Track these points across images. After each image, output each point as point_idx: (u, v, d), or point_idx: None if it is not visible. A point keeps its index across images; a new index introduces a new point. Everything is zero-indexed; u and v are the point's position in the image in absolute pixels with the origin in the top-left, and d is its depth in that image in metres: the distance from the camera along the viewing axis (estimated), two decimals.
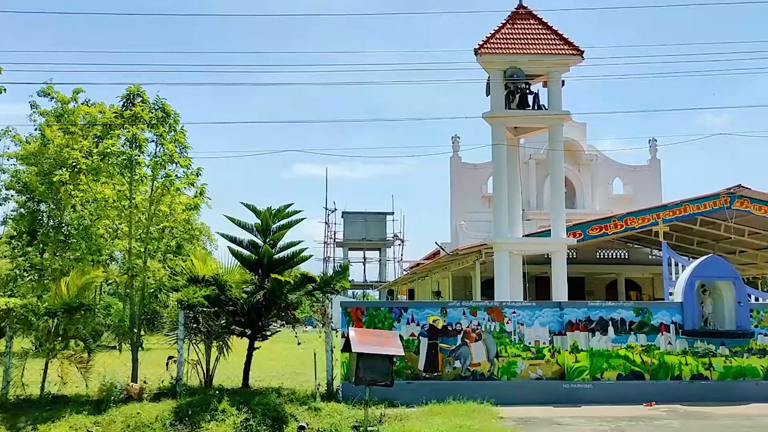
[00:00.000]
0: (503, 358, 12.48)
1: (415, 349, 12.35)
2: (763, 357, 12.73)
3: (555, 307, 12.92)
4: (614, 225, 19.38)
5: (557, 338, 12.61)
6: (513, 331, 12.58)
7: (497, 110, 17.12)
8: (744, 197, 19.00)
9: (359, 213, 51.93)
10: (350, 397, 11.16)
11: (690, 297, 12.84)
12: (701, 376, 12.57)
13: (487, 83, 17.42)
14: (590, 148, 34.40)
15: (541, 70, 17.22)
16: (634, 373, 12.54)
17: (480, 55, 16.72)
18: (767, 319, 12.89)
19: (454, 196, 34.31)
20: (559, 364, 12.53)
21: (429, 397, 11.53)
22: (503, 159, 17.41)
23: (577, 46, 16.77)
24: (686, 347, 12.67)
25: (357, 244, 52.67)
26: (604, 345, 12.60)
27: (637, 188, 33.95)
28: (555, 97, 17.25)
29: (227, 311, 12.02)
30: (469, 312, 12.60)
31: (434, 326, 12.44)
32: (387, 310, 12.62)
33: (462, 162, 34.45)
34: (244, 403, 10.49)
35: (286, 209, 12.67)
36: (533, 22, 17.30)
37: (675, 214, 19.37)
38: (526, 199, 32.27)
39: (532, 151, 31.28)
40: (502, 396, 11.76)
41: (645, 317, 12.75)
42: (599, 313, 12.73)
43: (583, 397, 12.11)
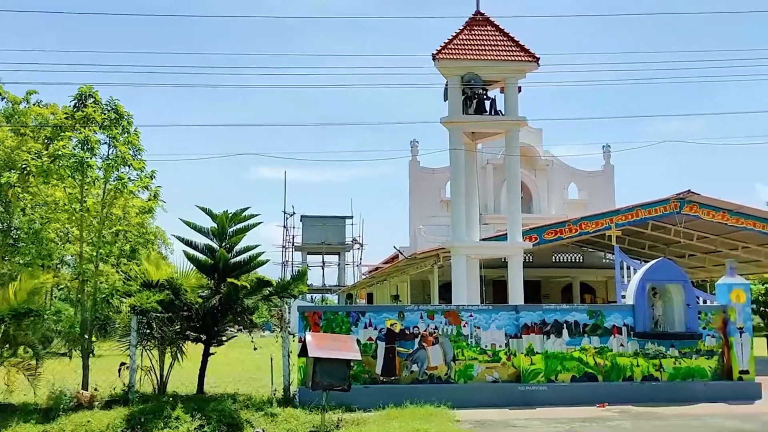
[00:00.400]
0: (460, 362, 12.57)
1: (373, 353, 12.35)
2: (710, 358, 13.10)
3: (511, 311, 13.07)
4: (569, 229, 19.72)
5: (513, 341, 12.75)
6: (470, 334, 12.68)
7: (455, 115, 17.27)
8: (693, 202, 19.52)
9: (318, 217, 51.77)
10: (307, 402, 11.08)
11: (641, 300, 13.14)
12: (652, 377, 12.86)
13: (445, 88, 17.56)
14: (546, 153, 34.94)
15: (498, 76, 17.45)
16: (587, 375, 12.76)
17: (438, 60, 16.86)
18: (714, 321, 13.27)
19: (413, 201, 34.45)
20: (515, 367, 12.68)
21: (386, 401, 11.51)
22: (461, 164, 17.56)
23: (533, 53, 17.04)
24: (638, 349, 12.95)
25: (316, 248, 52.49)
26: (558, 347, 12.79)
27: (591, 193, 34.61)
28: (511, 103, 17.48)
29: (182, 316, 11.82)
30: (427, 316, 12.65)
31: (392, 330, 12.46)
32: (344, 315, 12.59)
33: (420, 166, 34.63)
34: (198, 410, 10.33)
35: (243, 213, 12.54)
36: (490, 28, 17.52)
37: (627, 219, 19.79)
38: (484, 204, 32.61)
39: (489, 156, 31.59)
40: (459, 399, 11.83)
41: (598, 320, 12.99)
42: (554, 316, 12.92)
43: (538, 399, 12.27)
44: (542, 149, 34.86)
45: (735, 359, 13.06)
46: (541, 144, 35.00)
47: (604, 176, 35.96)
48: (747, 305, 13.42)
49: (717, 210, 19.71)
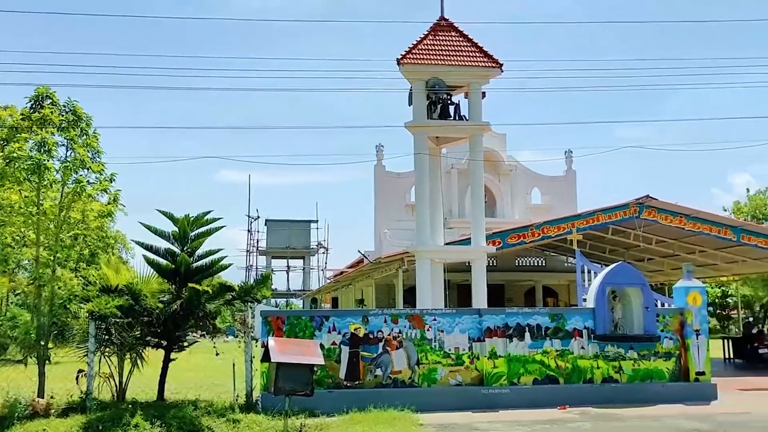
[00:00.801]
0: (424, 365, 12.61)
1: (337, 357, 12.31)
2: (668, 360, 13.37)
3: (474, 314, 13.16)
4: (532, 233, 19.93)
5: (476, 344, 12.84)
6: (433, 338, 12.73)
7: (419, 120, 17.35)
8: (652, 207, 19.91)
9: (283, 221, 51.47)
10: (270, 407, 11.00)
11: (601, 303, 13.36)
12: (612, 379, 13.08)
13: (409, 93, 17.63)
14: (510, 158, 35.31)
15: (462, 81, 17.58)
16: (549, 378, 12.92)
17: (402, 65, 16.92)
18: (672, 323, 13.56)
19: (378, 205, 34.48)
20: (478, 370, 12.77)
21: (350, 405, 11.50)
22: (425, 168, 17.64)
23: (497, 59, 17.21)
24: (598, 351, 13.15)
25: (280, 252, 52.15)
26: (521, 350, 12.92)
27: (554, 198, 35.07)
28: (475, 108, 17.63)
29: (142, 322, 11.62)
30: (391, 320, 12.67)
31: (356, 334, 12.44)
32: (308, 319, 12.53)
33: (386, 171, 34.69)
34: (158, 417, 10.15)
35: (205, 216, 12.39)
36: (454, 34, 17.65)
37: (588, 223, 20.08)
38: (448, 208, 32.79)
39: (454, 160, 31.83)
40: (422, 403, 11.87)
41: (560, 323, 13.16)
42: (516, 320, 13.05)
43: (501, 402, 12.36)
44: (506, 154, 35.22)
45: (692, 361, 13.36)
46: (505, 149, 35.36)
47: (567, 181, 36.47)
48: (703, 308, 13.74)
49: (674, 215, 20.14)
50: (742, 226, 21.37)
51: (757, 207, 37.94)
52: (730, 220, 23.98)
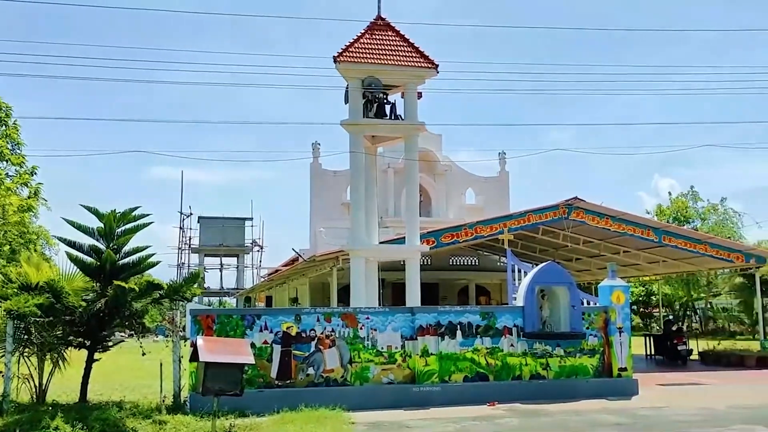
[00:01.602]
0: (356, 364, 12.62)
1: (268, 356, 12.19)
2: (592, 356, 13.81)
3: (407, 313, 13.25)
4: (465, 233, 20.21)
5: (409, 343, 12.94)
6: (366, 336, 12.76)
7: (355, 118, 17.34)
8: (580, 208, 20.51)
9: (216, 218, 50.60)
10: (198, 408, 10.78)
11: (530, 301, 13.68)
12: (539, 376, 13.41)
13: (345, 91, 17.59)
14: (445, 158, 35.74)
15: (398, 81, 17.66)
16: (479, 375, 13.14)
17: (339, 63, 16.86)
18: (597, 321, 14.01)
19: (314, 203, 34.33)
20: (410, 368, 12.87)
21: (281, 405, 11.40)
22: (361, 167, 17.64)
23: (433, 59, 17.36)
24: (526, 349, 13.46)
25: (213, 250, 51.26)
26: (452, 348, 13.10)
27: (487, 198, 35.69)
28: (411, 108, 17.74)
29: (64, 321, 11.18)
30: (324, 318, 12.62)
31: (288, 333, 12.34)
32: (239, 318, 12.35)
33: (322, 169, 34.56)
34: (80, 419, 9.78)
35: (133, 212, 12.02)
36: (391, 34, 17.71)
37: (520, 224, 20.52)
38: (384, 207, 32.92)
39: (390, 160, 31.98)
40: (355, 401, 11.88)
41: (490, 321, 13.40)
42: (448, 318, 13.21)
43: (432, 400, 12.49)
44: (441, 155, 35.63)
45: (615, 357, 13.84)
46: (440, 149, 35.77)
47: (500, 182, 37.20)
48: (626, 306, 14.25)
49: (601, 216, 20.81)
50: (663, 228, 22.28)
51: (679, 210, 39.64)
52: (653, 221, 24.97)
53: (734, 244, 23.99)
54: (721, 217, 38.96)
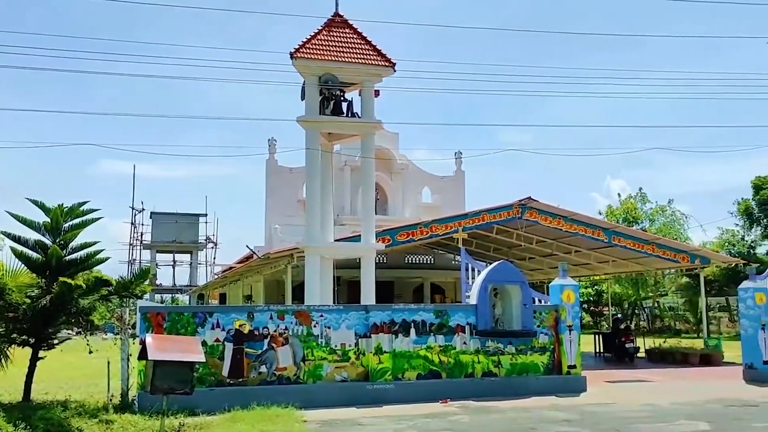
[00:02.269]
0: (310, 362, 12.58)
1: (220, 354, 12.05)
2: (543, 354, 14.05)
3: (361, 311, 13.26)
4: (420, 231, 20.31)
5: (363, 341, 12.96)
6: (320, 334, 12.73)
7: (311, 115, 17.24)
8: (533, 208, 20.82)
9: (169, 214, 49.69)
10: (147, 407, 10.59)
11: (483, 300, 13.83)
12: (491, 373, 13.58)
13: (302, 87, 17.47)
14: (402, 157, 35.85)
15: (355, 78, 17.62)
16: (432, 373, 13.23)
17: (296, 59, 16.73)
18: (547, 319, 14.26)
19: (269, 200, 34.03)
20: (364, 366, 12.88)
21: (233, 403, 11.28)
22: (317, 164, 17.56)
23: (390, 58, 17.37)
24: (479, 346, 13.62)
25: (166, 246, 50.36)
26: (406, 346, 13.16)
27: (443, 197, 35.95)
28: (368, 106, 17.73)
29: (7, 318, 10.84)
30: (277, 316, 12.54)
31: (240, 331, 12.21)
32: (190, 315, 12.17)
33: (278, 165, 34.29)
34: (23, 419, 9.47)
35: (81, 207, 11.72)
36: (348, 31, 17.65)
37: (474, 223, 20.71)
38: (341, 205, 32.85)
39: (347, 157, 31.93)
40: (307, 399, 11.85)
41: (444, 319, 13.51)
42: (402, 316, 13.27)
43: (386, 397, 12.53)
44: (398, 153, 35.73)
45: (564, 355, 14.11)
46: (397, 148, 35.86)
47: (456, 181, 37.51)
48: (576, 305, 14.54)
49: (554, 216, 21.16)
50: (613, 229, 22.79)
51: (628, 211, 40.57)
52: (603, 222, 25.49)
53: (680, 245, 24.67)
54: (669, 219, 40.04)
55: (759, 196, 40.86)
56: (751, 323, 15.71)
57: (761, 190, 40.65)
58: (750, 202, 41.62)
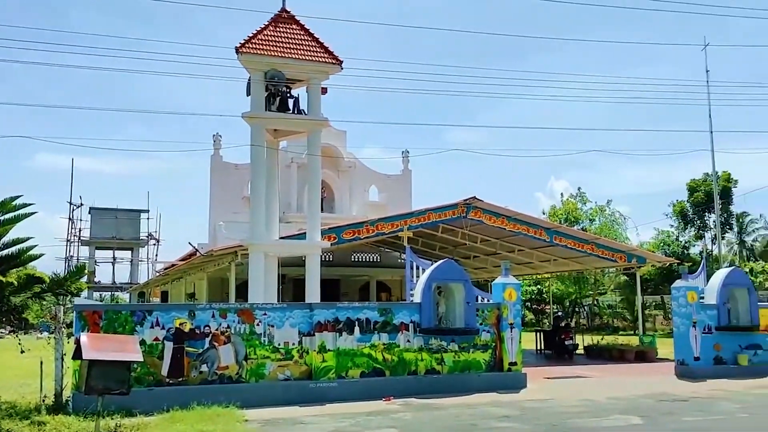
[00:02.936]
0: (252, 360, 12.44)
1: (159, 354, 11.79)
2: (485, 351, 14.25)
3: (305, 309, 13.19)
4: (366, 230, 20.31)
5: (306, 339, 12.88)
6: (263, 332, 12.60)
7: (257, 111, 17.05)
8: (478, 208, 21.08)
9: (110, 209, 48.31)
10: (82, 408, 10.29)
11: (427, 298, 13.94)
12: (434, 371, 13.70)
13: (247, 83, 17.26)
14: (349, 155, 35.77)
15: (302, 75, 17.51)
16: (376, 370, 13.26)
17: (241, 54, 16.51)
18: (490, 317, 14.47)
19: (214, 196, 33.44)
20: (307, 364, 12.82)
21: (172, 403, 11.06)
22: (262, 160, 17.38)
23: (337, 55, 17.32)
24: (422, 344, 13.72)
25: (106, 242, 48.93)
26: (350, 344, 13.15)
27: (390, 196, 36.03)
28: (315, 103, 17.64)
29: None
30: (219, 314, 12.35)
31: (181, 329, 11.98)
32: (129, 314, 11.87)
33: (223, 161, 33.73)
34: None
35: (13, 201, 11.27)
36: (296, 27, 17.52)
37: (420, 222, 20.83)
38: (287, 202, 32.57)
39: (293, 154, 31.64)
40: (250, 398, 11.72)
41: (388, 317, 13.56)
42: (347, 314, 13.25)
43: (329, 396, 12.50)
44: (346, 151, 35.64)
45: (506, 352, 14.34)
46: (344, 146, 35.75)
47: (403, 180, 37.63)
48: (518, 303, 14.79)
49: (497, 216, 21.48)
50: (554, 228, 23.29)
51: (569, 211, 41.51)
52: (545, 222, 26.05)
53: (618, 245, 25.39)
54: (608, 219, 41.15)
55: (693, 198, 42.47)
56: (683, 321, 16.31)
57: (695, 193, 42.26)
58: (685, 204, 43.21)
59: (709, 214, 41.39)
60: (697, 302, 16.38)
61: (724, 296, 16.59)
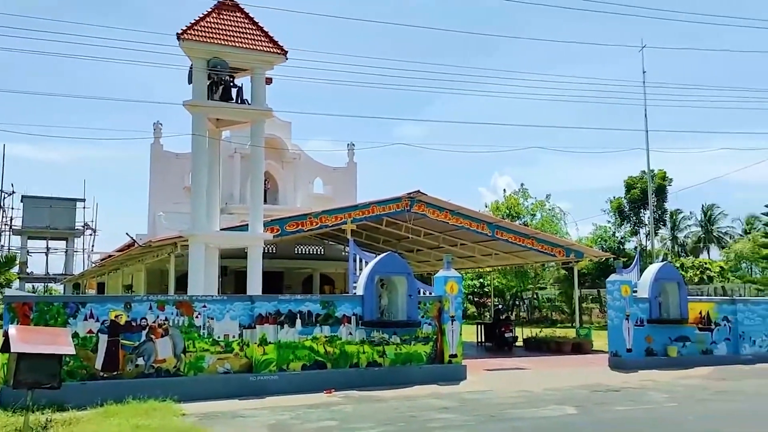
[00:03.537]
0: (191, 353, 12.22)
1: (93, 347, 11.46)
2: (426, 344, 14.39)
3: (246, 301, 13.03)
4: (310, 222, 20.19)
5: (247, 331, 12.74)
6: (202, 325, 12.39)
7: (199, 99, 16.72)
8: (421, 201, 21.23)
9: (44, 198, 46.72)
10: (10, 403, 9.89)
11: (369, 291, 13.96)
12: (376, 363, 13.75)
13: (189, 71, 16.90)
14: (294, 146, 35.52)
15: (246, 64, 17.24)
16: (317, 363, 13.22)
17: (183, 40, 16.14)
18: (431, 310, 14.61)
19: (153, 186, 32.71)
20: (248, 357, 12.68)
21: (107, 397, 10.78)
22: (203, 150, 17.06)
23: (282, 45, 17.12)
24: (364, 337, 13.74)
25: (39, 232, 47.31)
26: (291, 337, 13.07)
27: (335, 188, 35.97)
28: (259, 93, 17.40)
29: None
30: (157, 306, 12.08)
31: (116, 322, 11.67)
32: (61, 306, 11.47)
33: (163, 150, 33.01)
34: None
35: None
36: (240, 15, 17.22)
37: (364, 214, 20.84)
38: (230, 193, 32.14)
39: (237, 145, 31.20)
40: (188, 392, 11.52)
41: (330, 310, 13.52)
42: (288, 306, 13.16)
43: (269, 388, 12.40)
44: (291, 142, 35.37)
45: (447, 344, 14.51)
46: (289, 137, 35.48)
47: (348, 173, 37.61)
48: (459, 296, 14.97)
49: (441, 209, 21.67)
50: (496, 223, 23.64)
51: (511, 206, 42.25)
52: (487, 216, 26.38)
53: (557, 240, 25.95)
54: (548, 214, 42.08)
55: (630, 195, 43.89)
56: (617, 314, 16.83)
57: (632, 190, 43.67)
58: (622, 200, 44.60)
59: (645, 210, 42.82)
60: (631, 296, 16.92)
61: (655, 290, 17.20)
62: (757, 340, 18.35)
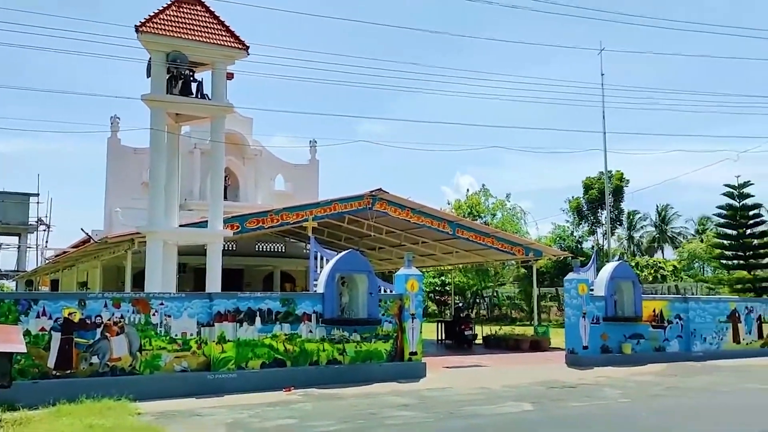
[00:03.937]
0: (147, 352, 12.02)
1: (46, 345, 11.18)
2: (387, 342, 14.42)
3: (205, 299, 12.87)
4: (271, 219, 20.05)
5: (205, 329, 12.58)
6: (159, 323, 12.19)
7: (157, 93, 16.43)
8: (383, 200, 21.27)
9: None
10: None
11: (330, 288, 13.93)
12: (336, 361, 13.73)
13: (148, 64, 16.61)
14: (256, 142, 35.19)
15: (206, 59, 17.02)
16: (277, 361, 13.14)
17: (141, 33, 15.84)
18: (392, 308, 14.64)
19: (110, 181, 32.06)
20: (206, 355, 12.53)
21: (59, 396, 10.54)
22: (162, 145, 16.79)
23: (243, 40, 16.95)
24: (325, 335, 13.70)
25: None
26: (251, 335, 12.95)
27: (297, 185, 35.75)
28: (219, 88, 17.20)
29: None
30: (112, 304, 11.84)
31: (70, 319, 11.40)
32: (12, 303, 11.16)
33: (121, 145, 32.36)
34: None
35: None
36: (200, 9, 16.98)
37: (326, 212, 20.79)
38: (189, 189, 31.68)
39: (197, 140, 30.79)
40: (144, 391, 11.34)
41: (290, 307, 13.45)
42: (248, 304, 13.04)
43: (228, 387, 12.28)
44: (252, 138, 35.03)
45: (407, 342, 14.57)
46: (251, 133, 35.14)
47: (310, 170, 37.43)
48: (420, 294, 15.04)
49: (402, 208, 21.75)
50: (457, 222, 23.84)
51: (473, 205, 42.67)
52: (448, 215, 26.60)
53: (517, 239, 26.31)
54: (509, 213, 42.60)
55: (588, 195, 44.68)
56: (574, 312, 17.13)
57: (590, 190, 44.47)
58: (580, 200, 45.38)
59: (602, 210, 43.63)
60: (587, 294, 17.23)
61: (611, 288, 17.56)
62: (707, 338, 18.88)
